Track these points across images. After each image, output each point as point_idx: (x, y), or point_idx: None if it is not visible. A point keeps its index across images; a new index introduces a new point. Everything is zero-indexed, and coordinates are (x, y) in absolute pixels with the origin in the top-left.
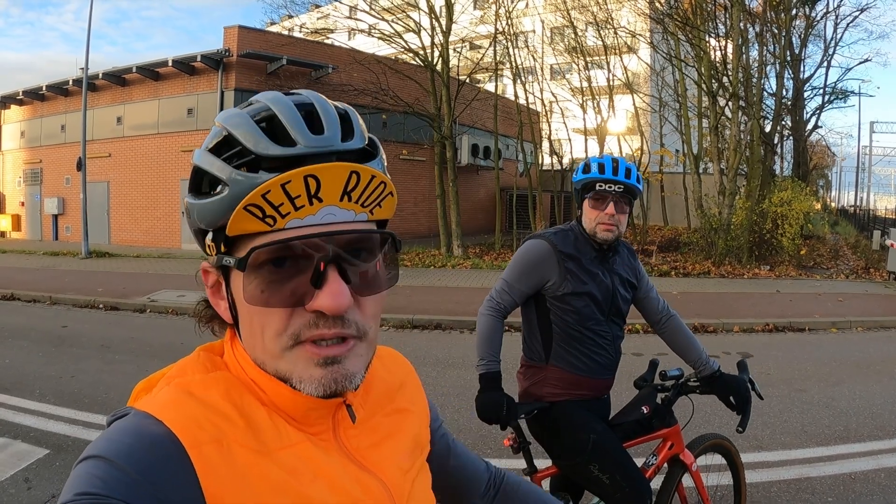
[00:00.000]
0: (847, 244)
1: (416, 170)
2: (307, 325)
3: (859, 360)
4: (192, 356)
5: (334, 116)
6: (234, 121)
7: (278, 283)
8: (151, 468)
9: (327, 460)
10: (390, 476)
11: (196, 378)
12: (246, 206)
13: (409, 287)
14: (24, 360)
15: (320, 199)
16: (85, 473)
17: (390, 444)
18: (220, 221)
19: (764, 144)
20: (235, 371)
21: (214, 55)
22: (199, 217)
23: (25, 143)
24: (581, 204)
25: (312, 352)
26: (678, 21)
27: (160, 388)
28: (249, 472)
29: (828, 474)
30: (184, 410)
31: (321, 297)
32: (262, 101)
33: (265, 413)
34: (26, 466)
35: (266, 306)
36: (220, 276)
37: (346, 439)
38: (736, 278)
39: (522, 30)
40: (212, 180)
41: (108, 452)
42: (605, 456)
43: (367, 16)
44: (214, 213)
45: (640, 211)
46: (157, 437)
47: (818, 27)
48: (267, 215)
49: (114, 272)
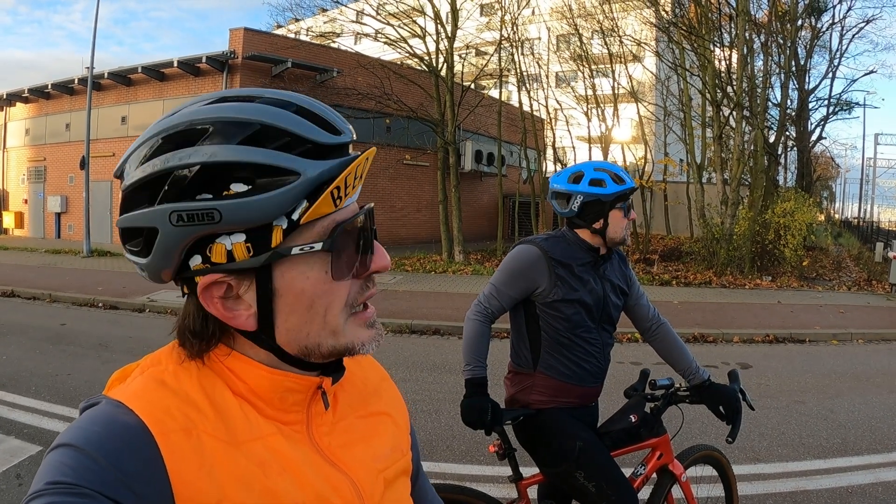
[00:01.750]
0: (850, 256)
1: (419, 175)
2: (360, 290)
3: (859, 372)
4: (168, 347)
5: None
6: (276, 115)
7: (350, 255)
8: (120, 456)
9: (297, 454)
10: (362, 476)
11: (169, 368)
12: (332, 190)
13: (408, 292)
14: (22, 357)
15: (361, 178)
16: (55, 462)
17: (364, 446)
18: (280, 212)
19: (768, 155)
20: (209, 362)
21: (220, 57)
22: (233, 217)
23: (30, 140)
24: (606, 214)
25: (364, 317)
26: (683, 30)
27: (133, 378)
28: (217, 462)
29: (825, 487)
30: (154, 400)
31: (377, 259)
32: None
33: (237, 404)
34: (18, 463)
35: (356, 277)
36: (240, 282)
37: (319, 436)
38: (737, 288)
39: (528, 37)
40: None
41: (78, 441)
42: (592, 464)
43: (374, 20)
44: (277, 205)
45: (644, 220)
46: (126, 425)
47: (824, 38)
48: (337, 196)
49: (114, 271)
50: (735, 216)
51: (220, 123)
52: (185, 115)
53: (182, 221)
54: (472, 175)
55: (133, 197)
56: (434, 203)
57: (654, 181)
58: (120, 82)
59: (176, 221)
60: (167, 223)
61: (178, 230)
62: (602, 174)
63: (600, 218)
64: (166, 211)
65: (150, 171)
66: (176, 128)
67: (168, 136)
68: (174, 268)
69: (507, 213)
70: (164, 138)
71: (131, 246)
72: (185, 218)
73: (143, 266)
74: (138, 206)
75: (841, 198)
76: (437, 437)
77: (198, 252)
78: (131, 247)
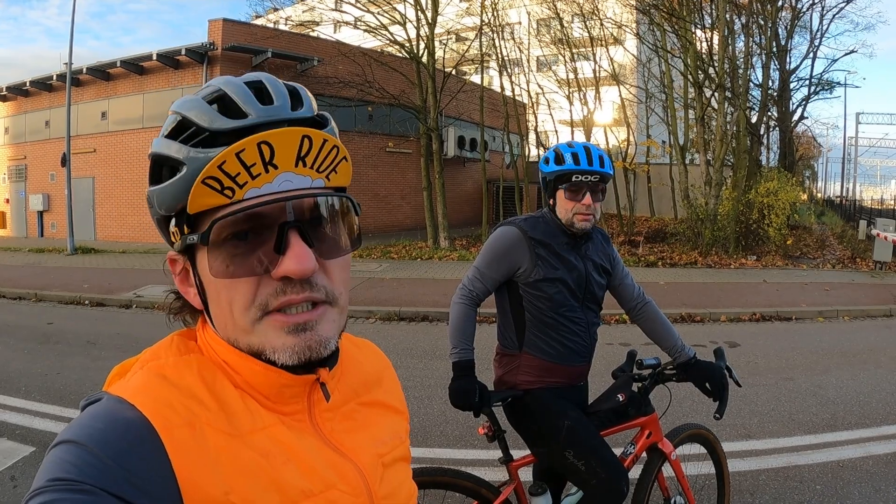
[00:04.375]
0: (833, 234)
1: (403, 162)
2: (274, 293)
3: (846, 348)
4: (166, 340)
5: (283, 89)
6: (187, 104)
7: (242, 254)
8: (124, 452)
9: (301, 443)
10: (366, 462)
11: (169, 361)
12: (204, 180)
13: (395, 279)
14: (9, 358)
15: (275, 166)
16: (58, 459)
17: (367, 433)
18: (180, 203)
19: (750, 135)
20: (209, 354)
21: (199, 48)
22: (159, 204)
23: (10, 139)
24: (553, 194)
25: (281, 321)
26: (664, 12)
27: (134, 373)
28: (221, 455)
29: (815, 462)
30: (156, 394)
31: (286, 261)
32: (214, 84)
33: (238, 395)
34: (12, 464)
35: (232, 278)
36: (186, 262)
37: (322, 422)
38: (723, 268)
39: (508, 21)
40: (172, 165)
41: (80, 437)
42: (580, 442)
43: (353, 8)
44: (175, 194)
45: (627, 202)
46: (129, 421)
47: (804, 18)
48: (225, 187)
49: (99, 268)
50: (719, 197)
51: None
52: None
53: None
54: (456, 161)
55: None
56: (418, 190)
57: (637, 163)
58: (99, 77)
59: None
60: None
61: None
62: (551, 152)
63: (551, 197)
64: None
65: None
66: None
67: None
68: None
69: (492, 199)
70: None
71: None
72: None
73: None
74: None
75: (823, 177)
76: (429, 423)
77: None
78: None
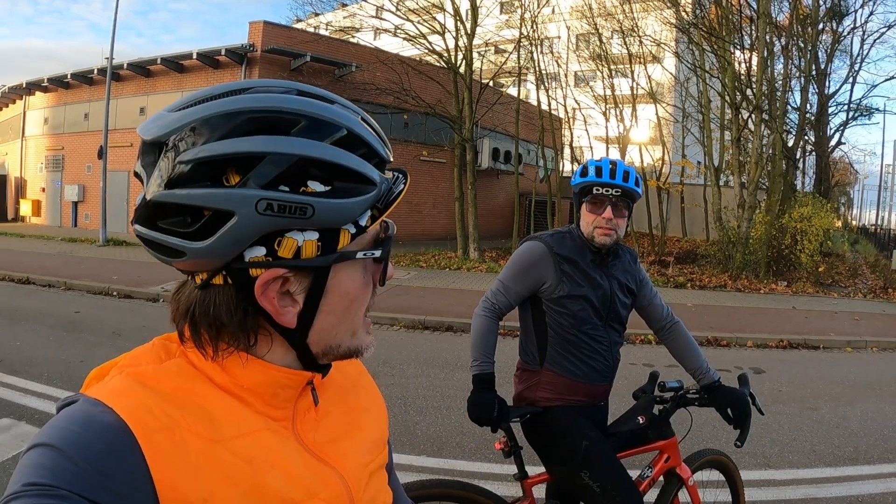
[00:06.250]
0: (866, 263)
1: (436, 171)
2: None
3: (873, 380)
4: (147, 346)
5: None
6: (355, 124)
7: (386, 264)
8: (100, 457)
9: (285, 450)
10: (349, 470)
11: (149, 368)
12: None
13: (422, 288)
14: (36, 344)
15: None
16: (33, 463)
17: (349, 440)
18: (352, 218)
19: (786, 159)
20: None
21: (239, 49)
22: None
23: (48, 129)
24: (579, 208)
25: (368, 323)
26: (704, 31)
27: (112, 377)
28: (202, 461)
29: (835, 496)
30: (134, 398)
31: (391, 268)
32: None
33: (223, 400)
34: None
35: (388, 279)
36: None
37: (304, 432)
38: (752, 293)
39: (547, 35)
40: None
41: (56, 440)
42: (597, 464)
43: (393, 16)
44: (354, 210)
45: (660, 222)
46: (106, 425)
47: (845, 42)
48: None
49: (130, 261)
50: (751, 220)
51: (310, 119)
52: (268, 101)
53: (271, 211)
54: (489, 173)
55: (196, 170)
56: (450, 200)
57: (671, 183)
58: (139, 73)
59: (263, 210)
60: (251, 209)
61: (261, 219)
62: (591, 163)
63: (577, 211)
64: (253, 197)
65: (239, 150)
66: (264, 112)
67: (254, 118)
68: (231, 257)
69: (524, 212)
70: (250, 119)
71: (174, 225)
72: (276, 208)
73: (189, 250)
74: (199, 182)
75: (858, 204)
76: (446, 434)
77: (263, 244)
78: (174, 226)
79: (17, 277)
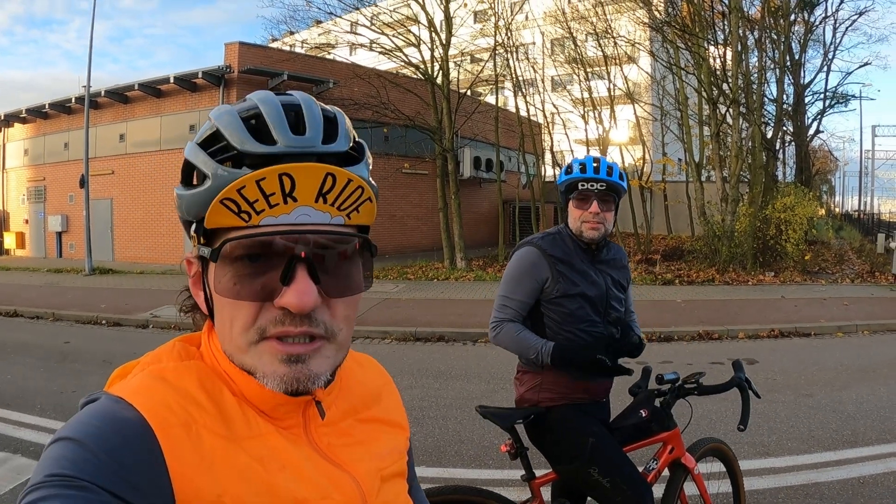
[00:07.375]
0: (852, 248)
1: (419, 183)
2: (274, 321)
3: (865, 363)
4: (168, 345)
5: (319, 118)
6: (224, 118)
7: (249, 277)
8: (119, 450)
9: (297, 452)
10: (362, 474)
11: (170, 366)
12: (222, 200)
13: (412, 300)
14: (26, 376)
15: (295, 199)
16: (55, 455)
17: (364, 448)
18: (201, 213)
19: (766, 150)
20: (210, 361)
21: (216, 71)
22: (185, 208)
23: (29, 160)
24: (566, 205)
25: (277, 348)
26: (677, 29)
27: (134, 375)
28: (217, 457)
29: (836, 479)
30: (154, 395)
31: (288, 294)
32: (253, 99)
33: (236, 403)
34: (25, 480)
35: (236, 298)
36: (199, 267)
37: (318, 437)
38: (740, 285)
39: (522, 42)
40: (199, 173)
41: (77, 434)
42: (605, 459)
43: (368, 31)
44: (197, 204)
45: (644, 220)
46: (126, 419)
47: (817, 32)
48: (242, 210)
49: (117, 288)
50: (735, 213)
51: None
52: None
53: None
54: (472, 181)
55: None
56: (434, 211)
57: (654, 181)
58: (117, 100)
59: None
60: None
61: None
62: (575, 161)
63: (564, 209)
64: None
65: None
66: None
67: None
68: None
69: (508, 219)
70: None
71: None
72: None
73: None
74: None
75: (840, 191)
76: (445, 443)
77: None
78: None
79: (4, 310)
